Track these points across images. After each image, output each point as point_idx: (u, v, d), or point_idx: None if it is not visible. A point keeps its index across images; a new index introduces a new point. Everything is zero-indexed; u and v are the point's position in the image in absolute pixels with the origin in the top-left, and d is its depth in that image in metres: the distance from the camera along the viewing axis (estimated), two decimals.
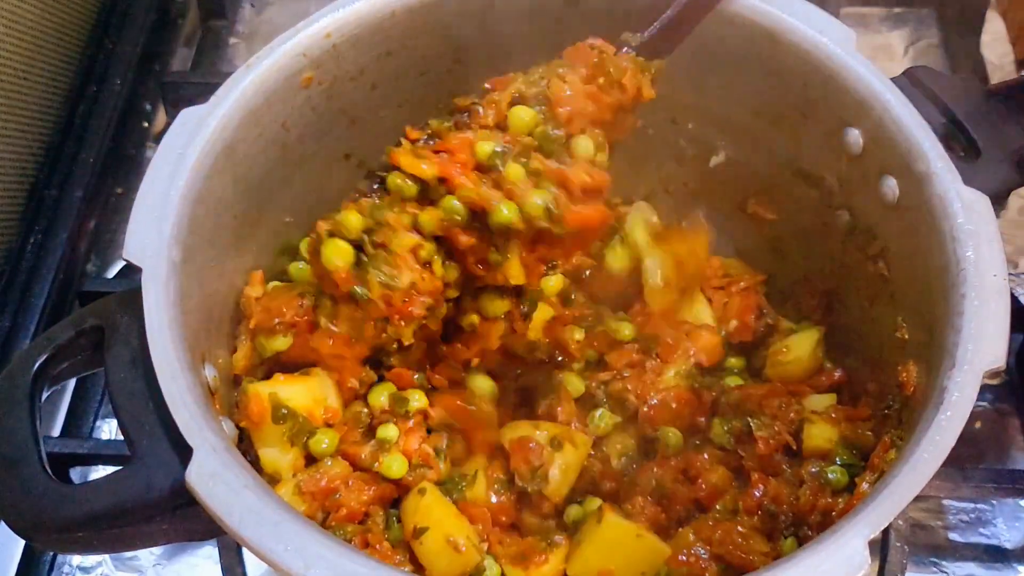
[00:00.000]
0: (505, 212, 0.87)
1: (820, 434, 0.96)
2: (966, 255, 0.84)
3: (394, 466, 0.94)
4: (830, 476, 0.93)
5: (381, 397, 0.99)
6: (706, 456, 1.00)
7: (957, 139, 0.95)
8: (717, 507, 0.96)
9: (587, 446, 0.99)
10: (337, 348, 0.94)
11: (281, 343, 0.95)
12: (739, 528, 0.91)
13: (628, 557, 0.89)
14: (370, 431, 0.97)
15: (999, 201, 0.91)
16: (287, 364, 0.97)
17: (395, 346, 0.96)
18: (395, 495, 0.95)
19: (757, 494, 0.94)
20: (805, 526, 0.93)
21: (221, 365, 0.94)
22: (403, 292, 0.89)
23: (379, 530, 0.92)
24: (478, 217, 0.90)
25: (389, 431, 0.96)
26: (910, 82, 0.99)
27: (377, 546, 0.90)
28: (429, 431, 1.00)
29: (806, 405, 1.01)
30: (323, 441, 0.93)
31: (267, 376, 0.96)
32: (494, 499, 0.98)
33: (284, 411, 0.91)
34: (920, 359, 0.87)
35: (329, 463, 0.93)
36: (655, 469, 0.99)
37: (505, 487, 0.98)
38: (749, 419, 0.99)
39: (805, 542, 0.84)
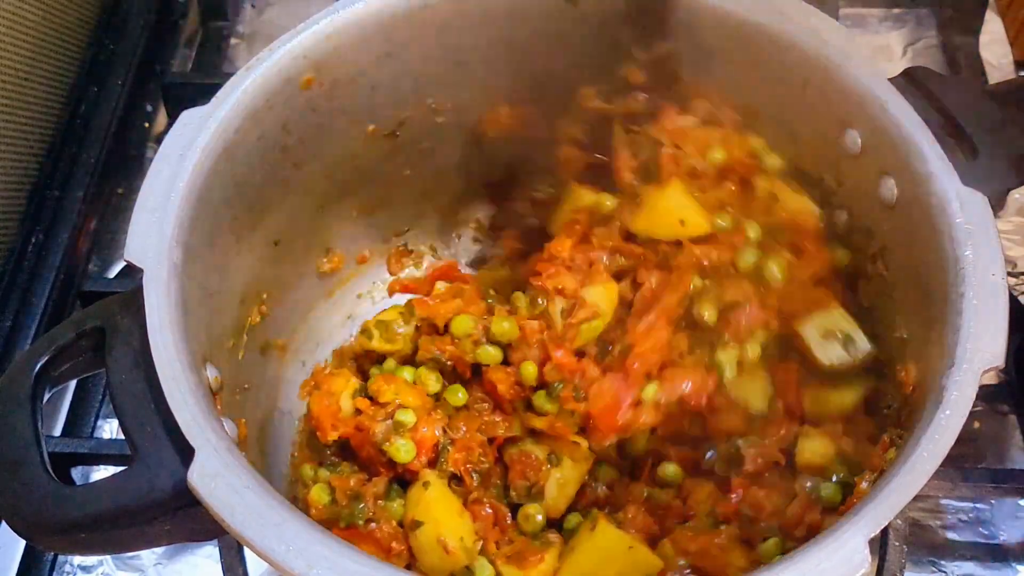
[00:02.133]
0: None
1: (815, 448, 0.95)
2: (965, 254, 0.84)
3: (403, 451, 0.94)
4: (823, 492, 0.91)
5: (405, 373, 1.00)
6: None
7: (955, 140, 0.95)
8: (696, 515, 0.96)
9: (588, 461, 0.99)
10: None
11: None
12: (716, 540, 0.90)
13: (619, 568, 0.89)
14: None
15: (997, 202, 0.91)
16: None
17: None
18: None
19: (735, 499, 0.93)
20: (790, 540, 0.91)
21: (222, 365, 0.94)
22: None
23: (377, 493, 0.92)
24: None
25: (406, 416, 0.95)
26: (909, 82, 0.99)
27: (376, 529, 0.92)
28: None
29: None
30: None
31: None
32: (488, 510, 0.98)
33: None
34: (919, 359, 0.88)
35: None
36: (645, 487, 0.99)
37: (502, 496, 0.98)
38: (739, 442, 0.97)
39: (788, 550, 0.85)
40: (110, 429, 1.26)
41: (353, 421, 0.96)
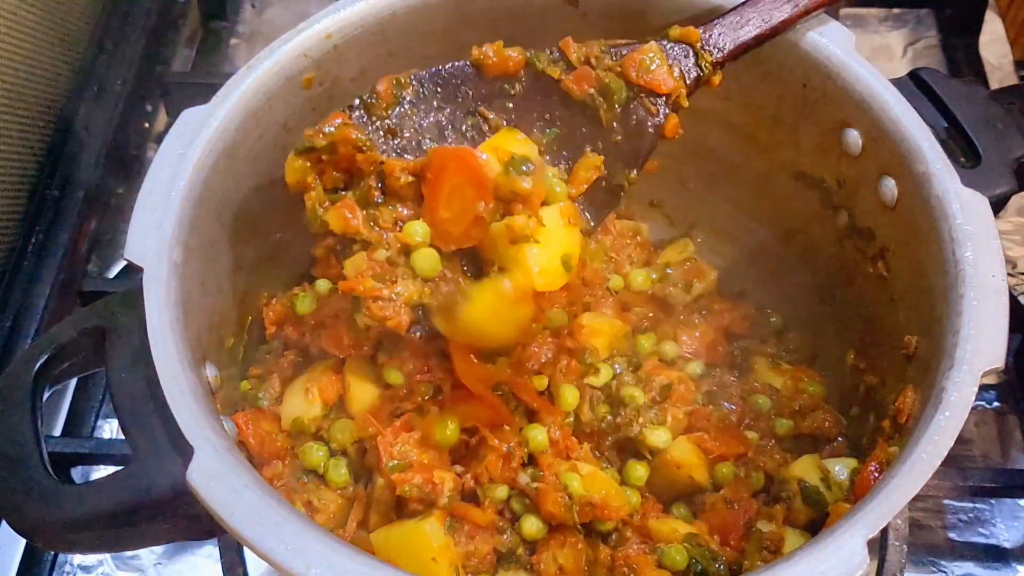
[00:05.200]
0: None
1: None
2: (965, 255, 0.84)
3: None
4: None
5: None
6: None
7: (958, 143, 0.95)
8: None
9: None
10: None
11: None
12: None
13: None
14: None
15: (998, 207, 0.91)
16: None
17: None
18: None
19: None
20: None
21: (223, 363, 0.94)
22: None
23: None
24: None
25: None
26: (914, 84, 0.99)
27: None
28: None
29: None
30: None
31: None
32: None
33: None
34: (918, 382, 0.87)
35: None
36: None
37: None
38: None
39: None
40: (110, 429, 1.26)
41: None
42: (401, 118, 0.92)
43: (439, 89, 0.92)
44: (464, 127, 0.93)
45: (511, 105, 0.93)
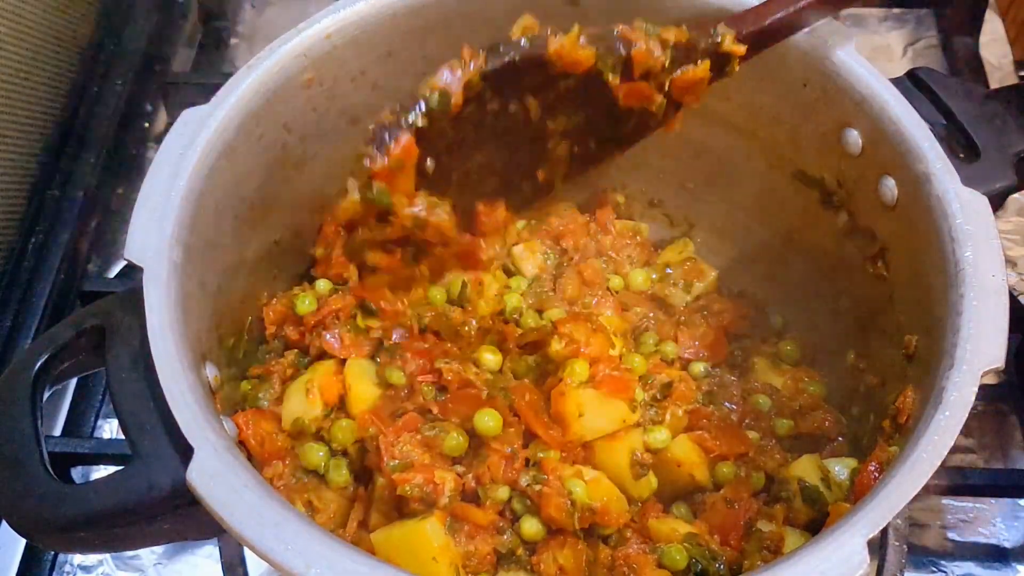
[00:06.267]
0: None
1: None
2: (965, 255, 0.84)
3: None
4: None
5: None
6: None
7: (957, 141, 0.95)
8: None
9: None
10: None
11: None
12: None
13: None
14: None
15: (997, 204, 0.91)
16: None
17: None
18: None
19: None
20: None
21: (223, 363, 0.94)
22: None
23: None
24: None
25: None
26: (912, 83, 0.99)
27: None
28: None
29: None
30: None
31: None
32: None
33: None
34: (918, 382, 0.87)
35: None
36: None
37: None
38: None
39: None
40: (110, 429, 1.26)
41: None
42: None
43: (500, 83, 0.88)
44: (503, 118, 0.91)
45: (553, 96, 0.91)
